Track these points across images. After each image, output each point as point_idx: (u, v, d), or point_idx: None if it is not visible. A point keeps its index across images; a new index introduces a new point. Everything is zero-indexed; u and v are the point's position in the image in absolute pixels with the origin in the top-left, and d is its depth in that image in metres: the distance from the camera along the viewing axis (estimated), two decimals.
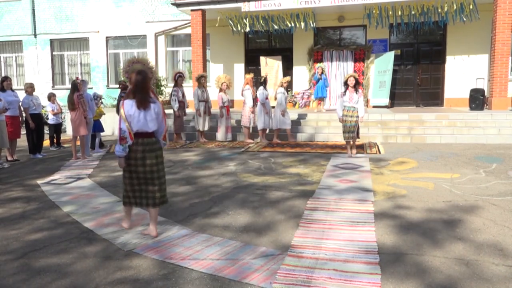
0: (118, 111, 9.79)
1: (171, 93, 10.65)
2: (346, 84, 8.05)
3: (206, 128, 10.79)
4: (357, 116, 7.95)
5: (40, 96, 10.52)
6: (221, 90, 10.61)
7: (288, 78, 10.67)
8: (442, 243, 3.73)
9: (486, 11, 12.31)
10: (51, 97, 10.61)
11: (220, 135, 10.75)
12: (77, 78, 9.15)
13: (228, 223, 4.41)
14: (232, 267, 3.31)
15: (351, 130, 7.97)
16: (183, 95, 10.79)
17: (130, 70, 4.18)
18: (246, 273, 3.20)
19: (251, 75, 10.73)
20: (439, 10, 12.20)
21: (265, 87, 10.28)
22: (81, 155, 8.85)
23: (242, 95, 10.62)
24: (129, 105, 3.93)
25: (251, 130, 10.72)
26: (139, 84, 3.96)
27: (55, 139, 10.68)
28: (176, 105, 10.54)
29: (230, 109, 11.81)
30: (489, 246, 3.64)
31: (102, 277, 3.23)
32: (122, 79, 14.73)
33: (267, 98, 10.24)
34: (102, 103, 10.48)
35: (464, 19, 12.16)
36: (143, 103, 3.93)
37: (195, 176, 6.76)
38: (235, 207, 4.97)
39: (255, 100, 10.43)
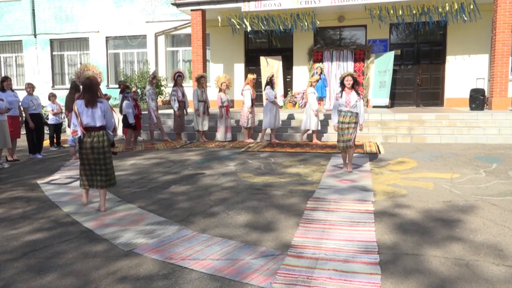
0: (121, 111, 9.95)
1: (171, 93, 10.66)
2: (342, 84, 6.78)
3: (205, 128, 10.79)
4: (355, 123, 6.71)
5: (40, 96, 10.52)
6: (220, 90, 10.61)
7: (317, 77, 10.49)
8: (442, 243, 3.73)
9: (486, 11, 12.30)
10: (51, 97, 10.61)
11: (220, 135, 10.75)
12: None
13: (228, 223, 4.41)
14: (232, 267, 3.31)
15: (347, 139, 6.69)
16: (183, 94, 10.79)
17: (82, 76, 5.00)
18: (246, 273, 3.20)
19: (254, 76, 10.70)
20: (440, 9, 12.19)
21: (272, 87, 10.23)
22: None
23: (242, 95, 10.62)
24: (79, 104, 4.85)
25: (252, 131, 10.70)
26: (87, 87, 4.87)
27: (55, 139, 10.68)
28: (176, 105, 10.54)
29: (230, 109, 11.81)
30: (489, 246, 3.64)
31: (102, 277, 3.23)
32: (122, 79, 14.80)
33: (275, 97, 10.20)
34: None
35: (466, 18, 12.14)
36: (90, 102, 4.82)
37: (195, 176, 6.76)
38: (235, 207, 4.97)
39: (253, 100, 10.42)
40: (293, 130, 10.98)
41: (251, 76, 10.57)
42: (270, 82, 10.29)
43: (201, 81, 10.77)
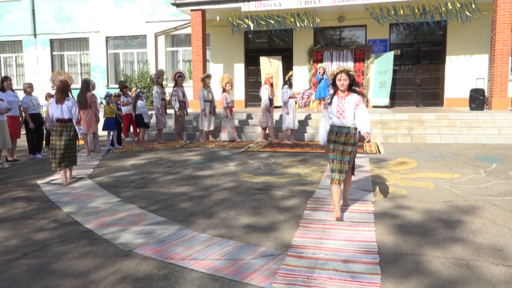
0: (134, 109, 10.18)
1: (171, 93, 10.66)
2: (334, 84, 4.49)
3: (211, 128, 10.76)
4: (354, 144, 4.46)
5: (40, 96, 10.52)
6: (224, 90, 10.58)
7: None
8: (442, 243, 3.73)
9: (486, 11, 12.30)
10: None
11: (224, 135, 10.71)
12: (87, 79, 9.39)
13: (228, 223, 4.41)
14: (232, 267, 3.32)
15: (342, 169, 4.41)
16: (184, 95, 10.79)
17: (56, 80, 6.43)
18: (246, 273, 3.20)
19: (270, 74, 10.64)
20: (442, 8, 12.17)
21: (290, 87, 10.16)
22: (93, 150, 9.46)
23: (259, 94, 10.57)
24: (52, 101, 6.40)
25: (266, 130, 10.61)
26: (59, 88, 6.37)
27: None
28: (176, 105, 10.53)
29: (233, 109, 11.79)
30: (489, 247, 3.64)
31: (102, 277, 3.23)
32: (122, 79, 14.79)
33: (291, 97, 10.14)
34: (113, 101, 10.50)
35: (469, 14, 12.09)
36: (59, 100, 6.32)
37: (195, 176, 6.76)
38: (235, 207, 4.97)
39: (272, 100, 10.32)
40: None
41: (268, 75, 10.49)
42: (288, 82, 10.19)
43: (206, 81, 10.73)
